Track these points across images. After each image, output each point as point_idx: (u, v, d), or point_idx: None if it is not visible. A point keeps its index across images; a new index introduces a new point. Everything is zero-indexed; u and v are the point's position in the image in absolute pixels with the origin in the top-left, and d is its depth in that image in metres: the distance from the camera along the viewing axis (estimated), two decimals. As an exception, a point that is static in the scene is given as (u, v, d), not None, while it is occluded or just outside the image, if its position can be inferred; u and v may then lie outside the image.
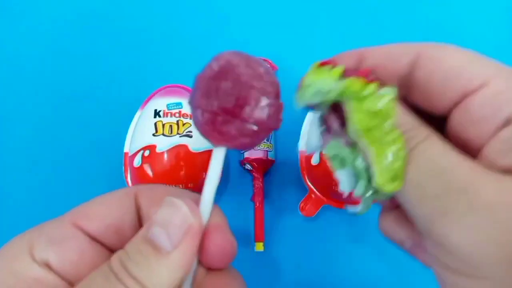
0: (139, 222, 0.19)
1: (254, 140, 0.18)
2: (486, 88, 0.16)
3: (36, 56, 0.41)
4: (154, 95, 0.36)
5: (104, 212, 0.18)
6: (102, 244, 0.18)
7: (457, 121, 0.17)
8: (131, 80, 0.40)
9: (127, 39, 0.41)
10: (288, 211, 0.38)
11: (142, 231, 0.17)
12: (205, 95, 0.17)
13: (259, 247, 0.37)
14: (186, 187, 0.33)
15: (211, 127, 0.18)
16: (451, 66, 0.17)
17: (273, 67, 0.40)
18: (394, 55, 0.18)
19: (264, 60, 0.40)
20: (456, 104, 0.17)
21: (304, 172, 0.36)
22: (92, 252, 0.18)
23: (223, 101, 0.17)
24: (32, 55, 0.41)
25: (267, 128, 0.18)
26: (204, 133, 0.18)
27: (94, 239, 0.18)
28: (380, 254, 0.38)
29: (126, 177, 0.35)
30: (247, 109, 0.17)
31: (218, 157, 0.19)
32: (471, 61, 0.17)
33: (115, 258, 0.16)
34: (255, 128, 0.17)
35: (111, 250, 0.18)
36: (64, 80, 0.40)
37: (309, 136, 0.36)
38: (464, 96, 0.16)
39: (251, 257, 0.38)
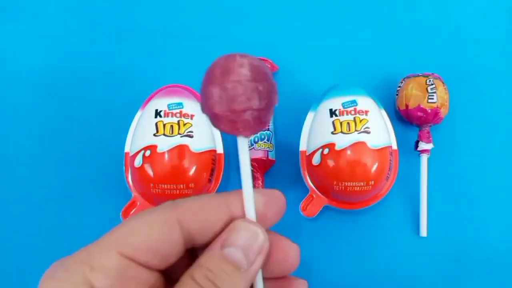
0: (184, 244, 0.20)
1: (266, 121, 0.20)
2: None
3: (36, 56, 0.41)
4: (155, 95, 0.36)
5: (150, 243, 0.19)
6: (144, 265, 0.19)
7: None
8: (132, 80, 0.40)
9: (128, 39, 0.41)
10: (289, 211, 0.38)
11: (216, 251, 0.19)
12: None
13: (260, 247, 0.37)
14: (187, 188, 0.33)
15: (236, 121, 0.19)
16: None
17: (273, 67, 0.40)
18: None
19: (264, 60, 0.40)
20: None
21: (305, 172, 0.36)
22: (145, 277, 0.19)
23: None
24: (32, 55, 0.41)
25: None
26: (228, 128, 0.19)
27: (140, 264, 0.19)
28: (381, 254, 0.38)
29: (126, 177, 0.35)
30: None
31: (244, 148, 0.20)
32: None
33: (199, 274, 0.19)
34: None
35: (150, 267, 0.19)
36: (64, 80, 0.40)
37: (309, 136, 0.36)
38: None
39: (251, 257, 0.37)
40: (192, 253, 0.21)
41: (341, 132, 0.34)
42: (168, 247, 0.19)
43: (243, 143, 0.20)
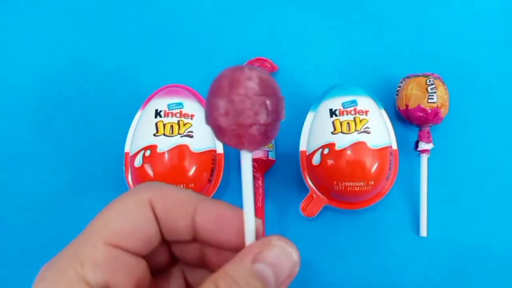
0: (158, 228, 0.20)
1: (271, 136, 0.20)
2: None
3: (36, 56, 0.41)
4: (155, 95, 0.36)
5: (131, 227, 0.19)
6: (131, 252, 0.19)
7: None
8: (132, 80, 0.40)
9: (128, 39, 0.41)
10: (289, 211, 0.38)
11: (247, 262, 0.18)
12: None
13: (260, 247, 0.37)
14: (187, 188, 0.33)
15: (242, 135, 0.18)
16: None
17: (273, 67, 0.40)
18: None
19: (264, 60, 0.40)
20: None
21: (305, 172, 0.36)
22: (134, 264, 0.19)
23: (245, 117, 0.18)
24: (32, 55, 0.41)
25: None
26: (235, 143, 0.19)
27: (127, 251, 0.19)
28: (381, 254, 0.38)
29: (126, 177, 0.35)
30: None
31: (247, 162, 0.19)
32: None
33: (224, 284, 0.18)
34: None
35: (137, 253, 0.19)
36: (64, 79, 0.40)
37: (309, 136, 0.36)
38: None
39: (251, 257, 0.37)
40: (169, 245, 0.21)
41: (341, 132, 0.34)
42: (147, 228, 0.19)
43: (246, 158, 0.19)
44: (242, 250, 0.19)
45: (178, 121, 0.34)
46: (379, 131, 0.35)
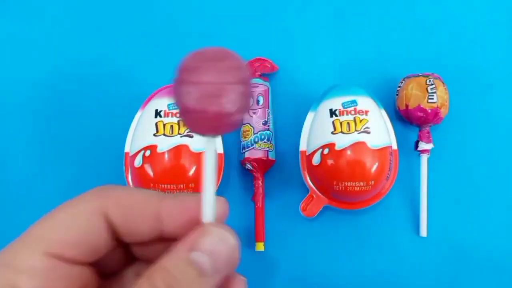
0: (111, 236, 0.19)
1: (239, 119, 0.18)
2: None
3: (36, 56, 0.41)
4: (155, 95, 0.36)
5: (75, 237, 0.18)
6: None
7: None
8: (132, 80, 0.40)
9: (128, 39, 0.41)
10: (289, 211, 0.38)
11: (182, 253, 0.18)
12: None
13: (260, 247, 0.37)
14: (187, 188, 0.33)
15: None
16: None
17: (273, 67, 0.40)
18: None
19: (264, 60, 0.40)
20: None
21: (305, 172, 0.36)
22: (76, 273, 0.18)
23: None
24: (32, 55, 0.41)
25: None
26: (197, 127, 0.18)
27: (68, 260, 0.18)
28: (381, 254, 0.38)
29: (126, 177, 0.35)
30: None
31: (212, 147, 0.19)
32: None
33: (159, 278, 0.17)
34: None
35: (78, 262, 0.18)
36: (64, 80, 0.40)
37: (309, 136, 0.36)
38: None
39: (251, 257, 0.38)
40: (128, 246, 0.20)
41: (341, 132, 0.34)
42: (95, 239, 0.18)
43: (210, 143, 0.19)
44: (182, 239, 0.18)
45: (178, 121, 0.34)
46: (379, 131, 0.35)
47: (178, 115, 0.17)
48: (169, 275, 0.17)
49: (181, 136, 0.34)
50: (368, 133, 0.34)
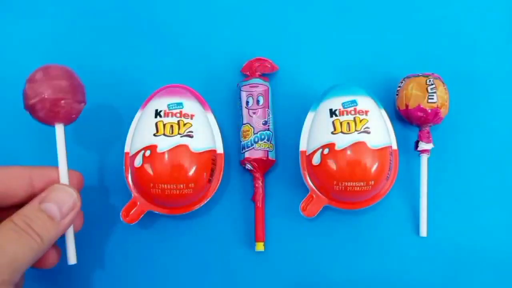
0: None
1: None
2: None
3: (36, 56, 0.41)
4: (154, 95, 0.36)
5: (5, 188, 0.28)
6: None
7: None
8: (132, 80, 0.40)
9: (128, 39, 0.41)
10: (289, 211, 0.38)
11: (35, 203, 0.27)
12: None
13: (260, 247, 0.37)
14: (187, 187, 0.33)
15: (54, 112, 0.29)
16: None
17: (273, 67, 0.40)
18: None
19: (264, 60, 0.40)
20: None
21: (305, 172, 0.36)
22: None
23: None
24: (31, 54, 0.41)
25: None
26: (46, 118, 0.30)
27: None
28: (381, 254, 0.38)
29: (126, 177, 0.35)
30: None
31: (61, 134, 0.30)
32: None
33: (18, 219, 0.26)
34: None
35: None
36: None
37: (309, 136, 0.36)
38: None
39: (251, 257, 0.38)
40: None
41: (341, 132, 0.34)
42: (20, 191, 0.28)
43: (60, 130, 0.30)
44: (34, 198, 0.27)
45: (178, 121, 0.34)
46: (379, 131, 0.35)
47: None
48: (26, 217, 0.26)
49: (181, 136, 0.34)
50: (368, 133, 0.34)
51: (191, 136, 0.34)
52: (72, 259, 0.31)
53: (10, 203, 0.28)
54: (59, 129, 0.30)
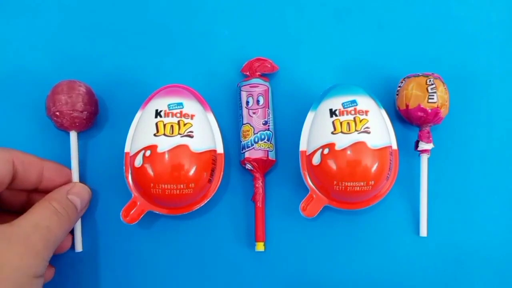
0: (10, 179, 0.32)
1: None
2: None
3: (36, 56, 0.41)
4: (155, 95, 0.36)
5: (24, 170, 0.33)
6: None
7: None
8: (132, 80, 0.40)
9: (128, 39, 0.41)
10: (289, 211, 0.38)
11: (63, 193, 0.34)
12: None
13: (260, 247, 0.37)
14: (187, 187, 0.34)
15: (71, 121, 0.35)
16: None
17: (273, 67, 0.40)
18: None
19: (264, 60, 0.40)
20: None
21: (305, 172, 0.36)
22: None
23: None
24: (31, 54, 0.41)
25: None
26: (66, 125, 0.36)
27: None
28: (381, 254, 0.38)
29: (127, 177, 0.35)
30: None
31: (74, 139, 0.37)
32: None
33: (54, 202, 0.32)
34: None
35: None
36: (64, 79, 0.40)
37: (309, 136, 0.36)
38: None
39: (251, 257, 0.38)
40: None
41: (341, 132, 0.34)
42: (3, 176, 0.31)
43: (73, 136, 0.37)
44: (61, 187, 0.34)
45: (178, 121, 0.34)
46: (379, 131, 0.35)
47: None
48: (59, 201, 0.32)
49: (181, 136, 0.34)
50: (368, 133, 0.34)
51: (191, 136, 0.34)
52: (78, 246, 0.36)
53: (21, 186, 0.33)
54: (73, 136, 0.37)
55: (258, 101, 0.38)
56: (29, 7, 0.42)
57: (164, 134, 0.34)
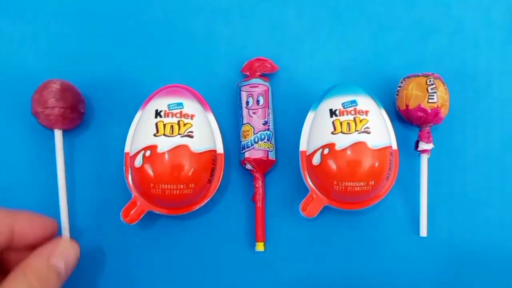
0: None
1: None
2: None
3: (36, 56, 0.41)
4: (155, 95, 0.36)
5: None
6: None
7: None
8: (132, 80, 0.40)
9: (128, 39, 0.41)
10: (289, 211, 0.38)
11: (43, 258, 0.28)
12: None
13: (260, 247, 0.37)
14: (187, 188, 0.34)
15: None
16: None
17: (273, 67, 0.40)
18: None
19: (264, 60, 0.40)
20: None
21: (305, 172, 0.36)
22: None
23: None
24: (31, 54, 0.41)
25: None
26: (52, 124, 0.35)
27: None
28: (381, 254, 0.38)
29: (126, 178, 0.35)
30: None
31: (59, 138, 0.35)
32: None
33: (32, 275, 0.26)
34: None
35: None
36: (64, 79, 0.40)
37: (309, 136, 0.36)
38: None
39: (251, 257, 0.38)
40: None
41: (341, 132, 0.34)
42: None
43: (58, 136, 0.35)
44: (42, 247, 0.28)
45: (178, 121, 0.34)
46: (379, 131, 0.35)
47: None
48: (37, 273, 0.26)
49: (181, 136, 0.34)
50: (368, 133, 0.34)
51: (191, 136, 0.34)
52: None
53: None
54: (58, 134, 0.35)
55: (258, 101, 0.38)
56: (28, 8, 0.42)
57: (164, 134, 0.34)
